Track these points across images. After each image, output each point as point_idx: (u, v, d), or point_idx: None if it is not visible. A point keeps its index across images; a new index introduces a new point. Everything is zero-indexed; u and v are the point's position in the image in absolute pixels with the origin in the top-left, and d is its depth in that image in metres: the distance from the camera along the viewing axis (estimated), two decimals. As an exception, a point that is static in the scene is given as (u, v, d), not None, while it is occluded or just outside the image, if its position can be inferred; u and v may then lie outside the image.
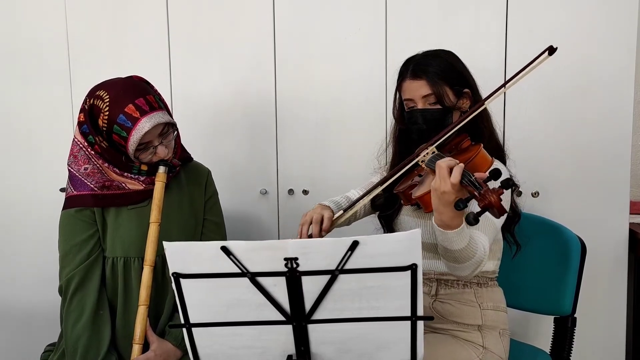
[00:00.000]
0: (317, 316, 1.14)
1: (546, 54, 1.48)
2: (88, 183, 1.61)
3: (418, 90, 1.57)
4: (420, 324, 1.14)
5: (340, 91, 2.16)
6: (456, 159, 1.37)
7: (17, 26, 2.21)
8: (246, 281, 1.11)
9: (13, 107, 2.25)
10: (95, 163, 1.60)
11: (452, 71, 1.58)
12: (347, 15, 2.12)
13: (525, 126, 2.10)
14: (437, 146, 1.48)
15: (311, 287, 1.11)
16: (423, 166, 1.46)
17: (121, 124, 1.53)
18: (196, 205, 1.75)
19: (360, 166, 2.10)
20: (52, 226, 1.69)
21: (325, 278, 1.10)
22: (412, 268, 1.09)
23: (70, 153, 1.63)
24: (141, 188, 1.63)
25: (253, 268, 1.10)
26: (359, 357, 1.20)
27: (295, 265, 1.09)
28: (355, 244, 1.07)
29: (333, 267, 1.09)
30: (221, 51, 2.18)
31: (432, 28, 2.09)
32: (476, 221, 1.19)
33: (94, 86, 1.61)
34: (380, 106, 2.14)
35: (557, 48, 1.48)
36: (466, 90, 1.60)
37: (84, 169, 1.61)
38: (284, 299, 1.13)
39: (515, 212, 1.65)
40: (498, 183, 1.20)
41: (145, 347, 1.56)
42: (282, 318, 1.15)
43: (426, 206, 1.42)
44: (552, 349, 1.82)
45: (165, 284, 1.67)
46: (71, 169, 1.63)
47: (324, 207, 1.61)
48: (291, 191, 2.21)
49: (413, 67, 1.59)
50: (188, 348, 1.21)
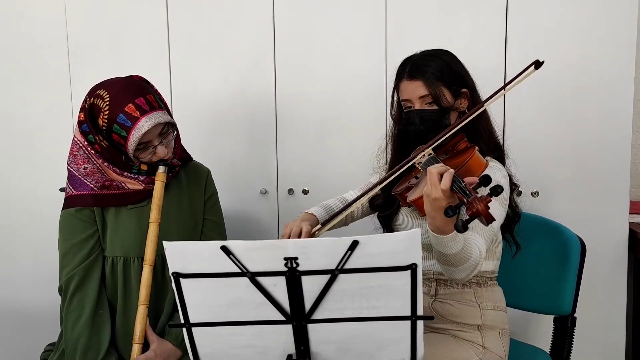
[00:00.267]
0: (317, 316, 1.14)
1: (532, 68, 1.48)
2: (88, 183, 1.61)
3: (415, 91, 1.57)
4: (420, 324, 1.15)
5: (340, 91, 2.16)
6: (450, 163, 1.38)
7: (17, 26, 2.21)
8: (246, 281, 1.11)
9: (13, 107, 2.25)
10: (95, 162, 1.60)
11: (450, 71, 1.58)
12: (347, 14, 2.12)
13: (525, 126, 2.10)
14: (434, 147, 1.48)
15: (311, 287, 1.11)
16: (419, 168, 1.46)
17: (121, 124, 1.53)
18: (196, 205, 1.75)
19: (359, 166, 2.10)
20: (52, 226, 1.69)
21: (325, 278, 1.10)
22: (412, 268, 1.09)
23: (70, 152, 1.62)
24: (141, 188, 1.63)
25: (253, 268, 1.10)
26: (359, 357, 1.20)
27: (295, 264, 1.09)
28: (355, 244, 1.07)
29: (333, 267, 1.09)
30: (221, 51, 2.18)
31: (432, 28, 2.09)
32: (464, 229, 1.19)
33: (94, 85, 1.61)
34: (380, 106, 2.14)
35: (544, 62, 1.48)
36: (464, 90, 1.59)
37: (84, 169, 1.61)
38: (284, 299, 1.13)
39: (515, 212, 1.65)
40: (488, 190, 1.20)
41: (145, 347, 1.56)
42: (282, 318, 1.15)
43: (420, 210, 1.42)
44: (552, 349, 1.82)
45: (165, 284, 1.67)
46: (71, 169, 1.63)
47: (306, 219, 1.60)
48: (291, 191, 2.21)
49: (410, 68, 1.59)
50: (188, 348, 1.20)
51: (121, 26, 2.19)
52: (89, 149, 1.60)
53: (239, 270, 1.10)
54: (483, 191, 1.24)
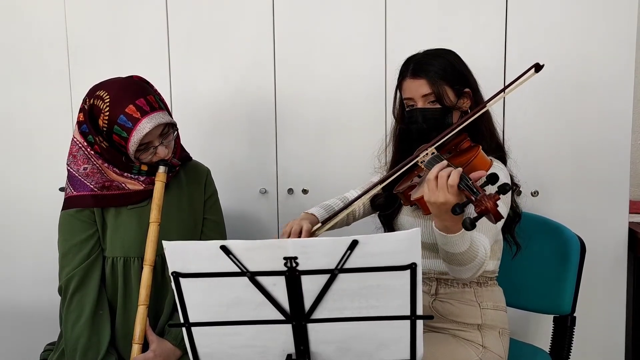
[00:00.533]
0: (317, 315, 1.14)
1: (532, 71, 1.48)
2: (88, 183, 1.61)
3: (418, 89, 1.57)
4: (419, 323, 1.15)
5: (340, 91, 2.16)
6: (454, 161, 1.38)
7: (17, 26, 2.21)
8: (246, 280, 1.11)
9: (13, 107, 2.25)
10: (94, 163, 1.60)
11: (453, 70, 1.58)
12: (347, 14, 2.12)
13: (524, 125, 2.10)
14: (437, 146, 1.48)
15: (311, 287, 1.12)
16: (422, 167, 1.46)
17: (122, 125, 1.53)
18: (196, 204, 1.75)
19: (359, 165, 2.10)
20: (52, 226, 1.69)
21: (324, 277, 1.10)
22: (412, 267, 1.09)
23: (69, 153, 1.62)
24: (141, 188, 1.63)
25: (252, 267, 1.10)
26: (359, 356, 1.20)
27: (294, 264, 1.09)
28: (354, 243, 1.07)
29: (332, 267, 1.09)
30: (221, 50, 2.18)
31: (432, 27, 2.09)
32: (472, 226, 1.19)
33: (94, 86, 1.60)
34: (380, 105, 2.14)
35: (544, 65, 1.48)
36: (467, 90, 1.59)
37: (83, 169, 1.61)
38: (284, 298, 1.13)
39: (515, 213, 1.64)
40: (495, 188, 1.20)
41: (144, 347, 1.56)
42: (282, 317, 1.15)
43: (424, 208, 1.42)
44: (552, 348, 1.82)
45: (165, 284, 1.67)
46: (70, 169, 1.63)
47: (307, 218, 1.60)
48: (291, 190, 2.21)
49: (413, 66, 1.59)
50: (188, 347, 1.21)
51: (121, 26, 2.19)
52: (89, 150, 1.60)
53: (239, 269, 1.10)
54: (490, 189, 1.24)
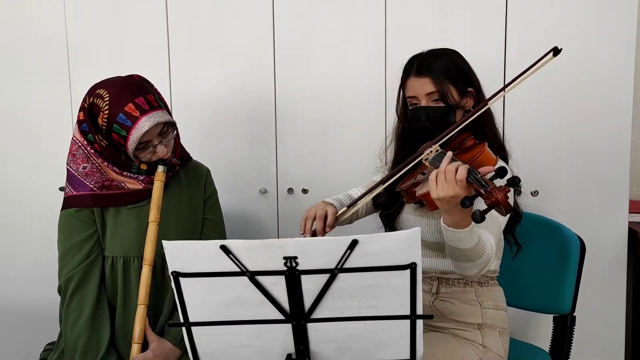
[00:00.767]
0: (317, 315, 1.14)
1: (551, 55, 1.48)
2: (87, 183, 1.61)
3: (422, 87, 1.57)
4: (419, 323, 1.15)
5: (339, 90, 2.16)
6: (459, 158, 1.38)
7: (17, 25, 2.21)
8: (245, 280, 1.11)
9: (13, 106, 2.25)
10: (94, 162, 1.60)
11: (457, 70, 1.58)
12: (347, 13, 2.12)
13: (524, 125, 2.10)
14: (441, 144, 1.48)
15: (310, 286, 1.12)
16: (427, 164, 1.46)
17: (121, 123, 1.53)
18: (195, 204, 1.75)
19: (359, 165, 2.11)
20: (52, 225, 1.69)
21: (324, 277, 1.10)
22: (412, 267, 1.09)
23: (69, 152, 1.62)
24: (140, 187, 1.63)
25: (252, 267, 1.10)
26: (359, 356, 1.20)
27: (294, 264, 1.09)
28: (354, 243, 1.07)
29: (332, 266, 1.09)
30: (220, 50, 2.18)
31: (432, 26, 2.09)
32: (482, 219, 1.19)
33: (94, 85, 1.60)
34: (379, 105, 2.14)
35: (562, 49, 1.48)
36: (470, 89, 1.60)
37: (83, 168, 1.61)
38: (284, 298, 1.13)
39: (516, 213, 1.65)
40: (504, 181, 1.20)
41: (144, 347, 1.56)
42: (282, 317, 1.15)
43: (430, 204, 1.42)
44: (552, 348, 1.82)
45: (164, 284, 1.67)
46: (70, 168, 1.63)
47: (327, 204, 1.62)
48: (290, 190, 2.21)
49: (418, 65, 1.59)
50: (187, 347, 1.21)
51: (121, 25, 2.19)
52: (88, 149, 1.60)
53: (239, 269, 1.10)
54: (499, 183, 1.24)
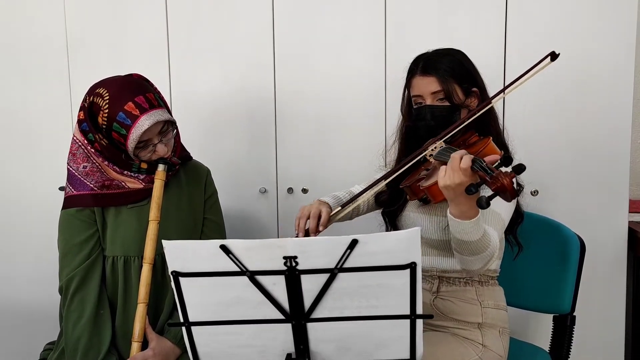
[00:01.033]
0: (317, 315, 1.14)
1: (548, 59, 1.49)
2: (88, 183, 1.61)
3: (428, 86, 1.58)
4: (419, 322, 1.15)
5: (339, 89, 2.16)
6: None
7: (17, 25, 2.21)
8: (245, 280, 1.11)
9: (13, 106, 2.25)
10: (94, 161, 1.60)
11: (462, 69, 1.59)
12: (347, 13, 2.12)
13: (524, 125, 2.09)
14: (445, 141, 1.49)
15: (310, 286, 1.12)
16: (431, 160, 1.47)
17: (121, 122, 1.53)
18: (195, 204, 1.75)
19: (360, 165, 2.11)
20: (52, 225, 1.69)
21: (324, 276, 1.10)
22: (412, 266, 1.09)
23: (69, 151, 1.62)
24: (141, 187, 1.63)
25: (252, 266, 1.10)
26: (358, 356, 1.20)
27: (294, 263, 1.09)
28: (354, 243, 1.07)
29: (332, 266, 1.09)
30: (220, 49, 2.18)
31: (432, 27, 2.09)
32: (487, 205, 1.19)
33: (94, 84, 1.60)
34: (379, 104, 2.14)
35: (560, 54, 1.48)
36: (474, 89, 1.61)
37: (83, 167, 1.61)
38: (283, 298, 1.13)
39: (518, 213, 1.65)
40: (510, 169, 1.21)
41: (144, 345, 1.56)
42: (282, 316, 1.15)
43: (435, 197, 1.42)
44: (552, 348, 1.82)
45: (165, 283, 1.67)
46: (70, 168, 1.63)
47: (322, 203, 1.62)
48: (290, 190, 2.21)
49: (423, 64, 1.60)
50: (187, 347, 1.21)
51: (121, 25, 2.19)
52: (89, 148, 1.59)
53: (239, 269, 1.10)
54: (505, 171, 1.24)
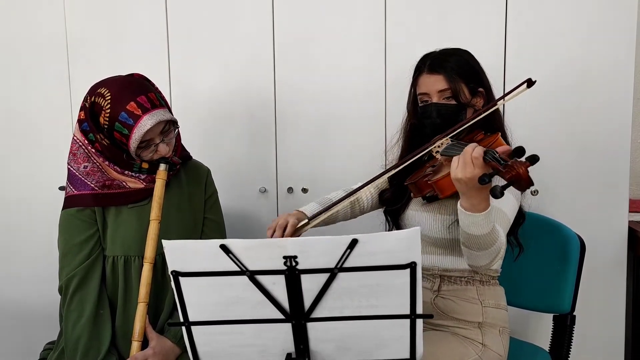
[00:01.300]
0: (317, 314, 1.14)
1: (524, 86, 1.51)
2: (88, 182, 1.61)
3: (434, 84, 1.58)
4: (419, 322, 1.15)
5: (339, 89, 2.16)
6: None
7: (17, 25, 2.21)
8: (245, 279, 1.11)
9: (13, 106, 2.25)
10: (95, 161, 1.60)
11: (469, 68, 1.60)
12: (347, 12, 2.12)
13: (524, 125, 2.08)
14: (451, 137, 1.49)
15: (310, 285, 1.12)
16: (437, 156, 1.46)
17: (123, 122, 1.53)
18: (196, 204, 1.75)
19: (360, 164, 2.11)
20: (52, 225, 1.69)
21: (324, 276, 1.10)
22: (411, 266, 1.09)
23: (69, 151, 1.62)
24: (142, 187, 1.63)
25: (252, 266, 1.10)
26: (358, 355, 1.20)
27: (294, 263, 1.09)
28: (354, 242, 1.07)
29: (332, 265, 1.09)
30: (220, 48, 2.18)
31: (432, 27, 2.09)
32: (502, 194, 1.19)
33: (95, 84, 1.60)
34: (379, 104, 2.14)
35: (536, 81, 1.50)
36: (480, 89, 1.61)
37: (84, 167, 1.61)
38: (284, 297, 1.13)
39: (520, 214, 1.65)
40: (524, 159, 1.21)
41: (144, 345, 1.56)
42: (282, 316, 1.15)
43: (442, 190, 1.42)
44: (552, 347, 1.82)
45: (165, 283, 1.67)
46: (71, 168, 1.63)
47: (294, 214, 1.62)
48: (290, 189, 2.21)
49: (431, 62, 1.61)
50: (187, 346, 1.20)
51: (120, 24, 2.19)
52: (89, 148, 1.59)
53: (238, 268, 1.10)
54: None
